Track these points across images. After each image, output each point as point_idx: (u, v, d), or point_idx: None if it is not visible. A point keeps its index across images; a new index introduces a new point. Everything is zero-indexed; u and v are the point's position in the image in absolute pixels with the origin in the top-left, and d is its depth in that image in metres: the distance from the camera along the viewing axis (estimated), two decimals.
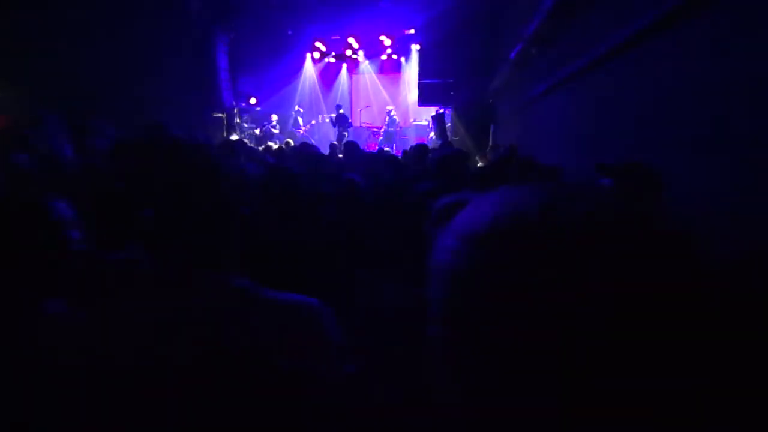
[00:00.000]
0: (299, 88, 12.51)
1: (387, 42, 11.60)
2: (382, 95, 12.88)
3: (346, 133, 10.51)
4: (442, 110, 9.21)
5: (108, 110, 3.77)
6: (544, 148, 4.34)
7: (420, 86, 9.55)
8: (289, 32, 11.02)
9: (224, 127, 9.38)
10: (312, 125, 12.01)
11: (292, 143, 7.34)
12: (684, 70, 2.03)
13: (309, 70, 12.63)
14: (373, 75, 12.94)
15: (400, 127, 11.69)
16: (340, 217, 1.79)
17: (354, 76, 13.22)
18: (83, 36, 6.01)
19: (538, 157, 3.62)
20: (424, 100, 9.47)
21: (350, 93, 13.38)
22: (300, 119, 11.77)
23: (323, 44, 12.05)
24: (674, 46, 2.13)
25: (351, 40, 11.84)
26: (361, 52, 12.46)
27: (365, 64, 12.87)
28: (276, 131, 10.51)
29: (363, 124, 12.24)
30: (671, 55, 2.15)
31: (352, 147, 4.44)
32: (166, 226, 0.73)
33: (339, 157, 5.17)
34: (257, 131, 10.33)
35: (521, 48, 5.15)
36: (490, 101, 8.37)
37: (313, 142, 9.60)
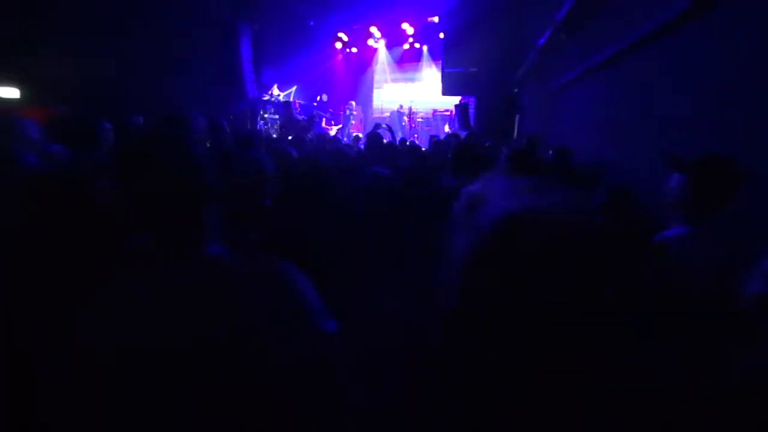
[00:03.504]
0: (323, 79, 12.51)
1: (409, 30, 11.43)
2: (400, 85, 12.79)
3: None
4: (465, 101, 9.03)
5: (134, 107, 3.84)
6: (571, 139, 4.20)
7: (443, 75, 9.35)
8: (311, 23, 11.01)
9: (249, 119, 9.48)
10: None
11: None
12: (730, 55, 1.90)
13: (332, 60, 12.62)
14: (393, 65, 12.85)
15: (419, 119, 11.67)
16: (368, 210, 1.78)
17: (374, 66, 13.16)
18: (107, 34, 6.14)
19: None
20: (448, 89, 9.28)
21: (372, 82, 13.35)
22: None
23: (345, 34, 12.00)
24: (717, 31, 1.99)
25: (373, 29, 11.73)
26: (382, 42, 12.33)
27: (384, 54, 12.76)
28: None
29: (379, 115, 12.28)
30: (714, 40, 2.02)
31: (374, 138, 4.41)
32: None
33: (360, 149, 5.15)
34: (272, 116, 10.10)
35: (550, 34, 4.97)
36: (516, 90, 8.15)
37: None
